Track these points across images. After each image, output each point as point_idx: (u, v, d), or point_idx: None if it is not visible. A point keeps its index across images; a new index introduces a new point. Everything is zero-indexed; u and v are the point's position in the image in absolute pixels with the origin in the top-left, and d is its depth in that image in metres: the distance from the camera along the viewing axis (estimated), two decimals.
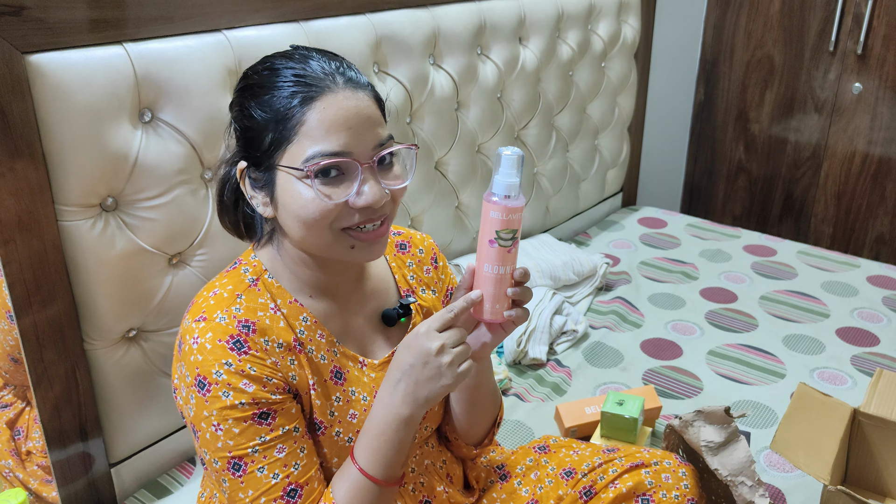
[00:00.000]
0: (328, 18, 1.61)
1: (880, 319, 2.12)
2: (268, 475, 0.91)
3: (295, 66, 0.92)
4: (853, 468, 1.45)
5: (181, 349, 0.93)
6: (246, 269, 1.00)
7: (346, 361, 1.02)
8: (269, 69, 0.94)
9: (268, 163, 0.92)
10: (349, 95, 0.91)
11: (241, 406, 0.90)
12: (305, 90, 0.90)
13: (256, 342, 0.92)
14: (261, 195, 0.95)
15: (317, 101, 0.90)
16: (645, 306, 2.18)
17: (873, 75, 2.83)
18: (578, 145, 2.59)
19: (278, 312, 0.97)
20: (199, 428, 0.91)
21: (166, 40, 1.33)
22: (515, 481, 1.20)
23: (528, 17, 2.17)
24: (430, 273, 1.16)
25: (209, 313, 0.93)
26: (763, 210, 3.27)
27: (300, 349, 0.97)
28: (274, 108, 0.91)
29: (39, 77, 1.16)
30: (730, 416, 1.20)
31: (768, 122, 3.15)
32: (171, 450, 1.51)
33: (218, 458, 0.91)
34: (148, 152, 1.31)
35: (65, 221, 1.24)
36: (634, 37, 2.71)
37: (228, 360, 0.90)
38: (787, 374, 1.85)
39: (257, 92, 0.92)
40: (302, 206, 0.90)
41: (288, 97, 0.90)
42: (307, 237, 0.93)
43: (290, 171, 0.90)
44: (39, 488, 1.39)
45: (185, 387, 0.92)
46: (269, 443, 0.91)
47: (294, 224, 0.93)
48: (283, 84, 0.91)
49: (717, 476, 1.16)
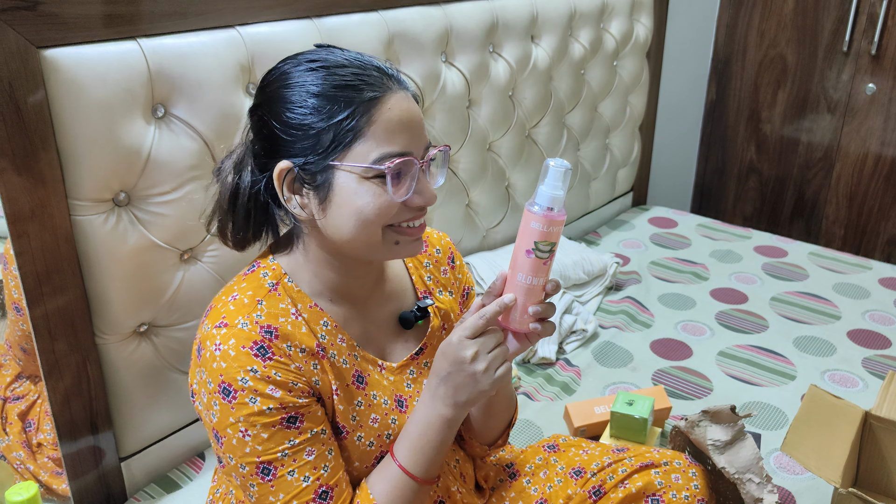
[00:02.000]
0: (341, 15, 1.61)
1: (892, 322, 2.11)
2: (298, 478, 0.91)
3: (349, 66, 0.92)
4: (864, 471, 1.44)
5: (201, 355, 0.92)
6: (265, 272, 0.98)
7: (367, 365, 1.02)
8: (322, 68, 0.92)
9: (324, 163, 0.91)
10: (403, 97, 0.93)
11: (269, 411, 0.89)
12: (372, 92, 0.90)
13: (280, 348, 0.92)
14: (310, 196, 0.93)
15: (380, 102, 0.90)
16: (655, 306, 2.17)
17: (887, 76, 2.81)
18: (589, 144, 2.58)
19: (299, 318, 0.96)
20: (223, 434, 0.91)
21: (180, 36, 1.33)
22: (524, 480, 1.20)
23: (540, 16, 2.16)
24: (446, 274, 1.16)
25: (230, 319, 0.92)
26: (774, 211, 3.26)
27: (322, 354, 0.97)
28: (335, 109, 0.89)
29: (54, 72, 1.17)
30: (735, 414, 1.20)
31: (780, 122, 3.13)
32: (181, 444, 1.51)
33: (245, 463, 0.91)
34: (161, 148, 1.31)
35: (77, 216, 1.25)
36: (647, 36, 2.70)
37: (253, 367, 0.89)
38: (797, 376, 1.85)
39: (313, 90, 0.91)
40: (365, 205, 0.91)
41: (350, 97, 0.89)
42: (358, 236, 0.93)
43: (355, 169, 0.90)
44: (50, 480, 1.40)
45: (206, 393, 0.91)
46: (298, 446, 0.91)
47: (348, 223, 0.92)
48: (342, 84, 0.90)
49: (725, 475, 1.16)
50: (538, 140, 2.32)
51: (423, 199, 0.94)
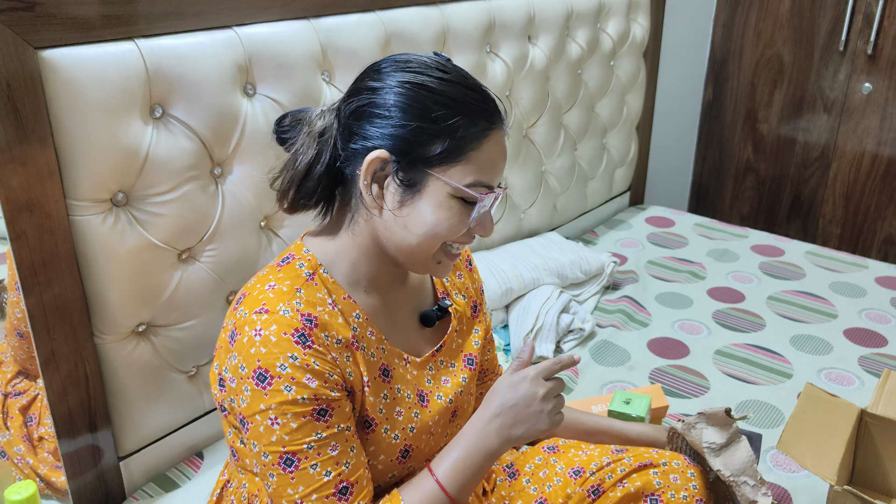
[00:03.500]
0: (338, 16, 1.62)
1: (888, 320, 2.12)
2: (320, 472, 0.92)
3: (475, 91, 0.96)
4: (860, 469, 1.44)
5: (236, 340, 0.92)
6: (301, 263, 0.99)
7: (393, 359, 1.04)
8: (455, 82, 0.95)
9: (423, 168, 0.94)
10: (504, 134, 0.99)
11: (303, 401, 0.90)
12: (488, 120, 0.95)
13: (319, 337, 0.93)
14: (393, 190, 0.95)
15: (492, 134, 0.95)
16: (652, 305, 2.18)
17: (883, 75, 2.82)
18: (587, 144, 2.59)
19: (336, 308, 0.97)
20: (251, 420, 0.91)
21: (177, 36, 1.33)
22: (524, 479, 1.21)
23: (537, 16, 2.17)
24: (462, 277, 1.20)
25: (271, 306, 0.92)
26: (771, 210, 3.27)
27: (356, 346, 0.98)
28: (457, 123, 0.93)
29: (52, 72, 1.17)
30: (731, 417, 1.20)
31: (777, 121, 3.14)
32: (180, 444, 1.52)
33: (269, 451, 0.91)
34: (159, 148, 1.31)
35: (76, 216, 1.25)
36: (644, 35, 2.70)
37: (294, 354, 0.90)
38: (794, 375, 1.85)
39: (439, 99, 0.93)
40: (443, 219, 0.95)
41: (473, 120, 0.94)
42: (421, 244, 0.96)
43: (450, 185, 0.94)
44: (49, 473, 1.41)
45: (237, 378, 0.92)
46: (324, 440, 0.92)
47: (419, 229, 0.95)
48: (469, 104, 0.94)
49: (721, 477, 1.16)
50: (535, 140, 2.32)
51: (484, 230, 1.00)
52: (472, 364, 1.16)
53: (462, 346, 1.16)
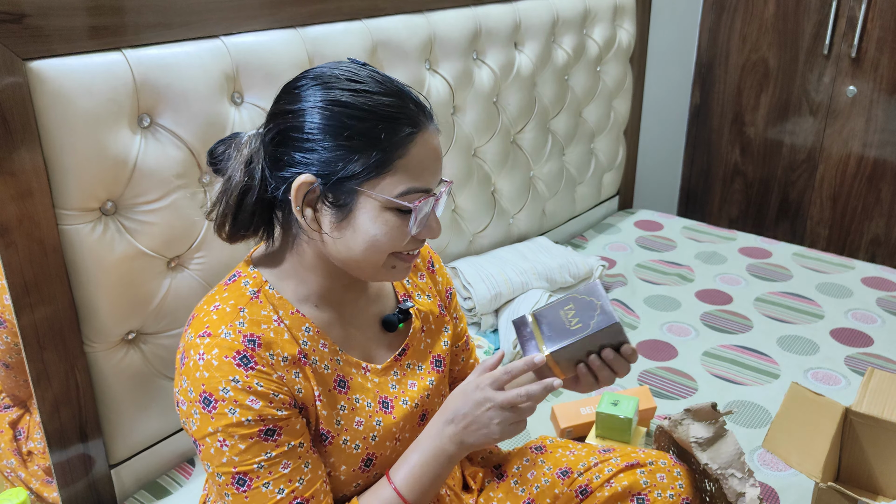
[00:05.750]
0: (325, 24, 1.63)
1: (874, 320, 2.14)
2: (273, 490, 0.92)
3: (390, 95, 0.92)
4: (845, 466, 1.46)
5: (184, 364, 0.93)
6: (246, 281, 0.99)
7: (350, 369, 1.03)
8: (366, 92, 0.91)
9: (350, 186, 0.91)
10: (433, 132, 0.96)
11: (248, 423, 0.90)
12: (410, 124, 0.92)
13: (262, 357, 0.93)
14: (326, 213, 0.93)
15: (417, 137, 0.93)
16: (640, 308, 2.19)
17: (867, 78, 2.85)
18: (574, 149, 2.61)
19: (281, 324, 0.97)
20: (202, 442, 0.92)
21: (165, 46, 1.34)
22: (512, 481, 1.21)
23: (523, 22, 2.18)
24: (424, 278, 1.18)
25: (213, 328, 0.93)
26: (759, 213, 3.29)
27: (304, 361, 0.97)
28: (373, 135, 0.90)
29: (40, 83, 1.18)
30: (716, 411, 1.22)
31: (764, 125, 3.16)
32: (171, 451, 1.52)
33: (222, 472, 0.92)
34: (147, 157, 1.32)
35: (65, 225, 1.26)
36: (630, 41, 2.72)
37: (235, 377, 0.90)
38: (781, 375, 1.87)
39: (352, 113, 0.90)
40: (382, 234, 0.93)
41: (394, 127, 0.91)
42: (366, 259, 0.95)
43: (380, 199, 0.92)
44: (41, 488, 1.41)
45: (187, 402, 0.92)
46: (274, 459, 0.92)
47: (360, 246, 0.94)
48: (386, 112, 0.91)
49: (708, 471, 1.18)
50: (523, 146, 2.34)
51: (431, 233, 0.97)
52: (441, 366, 1.14)
53: (431, 346, 1.15)
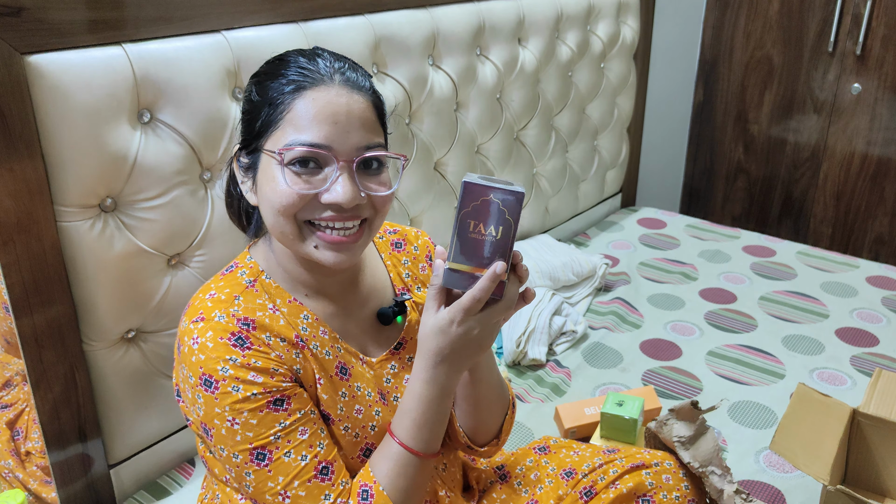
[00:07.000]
0: (327, 19, 1.61)
1: (879, 320, 2.12)
2: (296, 458, 0.91)
3: (302, 60, 0.95)
4: (852, 468, 1.45)
5: (181, 351, 0.93)
6: (243, 271, 0.99)
7: (350, 357, 1.02)
8: (279, 59, 0.97)
9: (255, 145, 0.95)
10: (343, 93, 0.92)
11: (254, 397, 0.89)
12: (301, 80, 0.92)
13: (258, 338, 0.92)
14: (248, 180, 0.97)
15: (308, 92, 0.91)
16: (644, 307, 2.18)
17: (872, 76, 2.83)
18: (578, 146, 2.59)
19: (277, 312, 0.97)
20: (211, 426, 0.91)
21: (165, 41, 1.33)
22: (515, 482, 1.20)
23: (527, 18, 2.17)
24: (425, 270, 1.16)
25: (207, 313, 0.92)
26: (762, 211, 3.28)
27: (303, 345, 0.97)
28: (269, 93, 0.93)
29: (39, 78, 1.16)
30: (697, 409, 1.21)
31: (767, 122, 3.15)
32: (171, 451, 1.51)
33: (238, 451, 0.90)
34: (147, 153, 1.31)
35: (64, 222, 1.24)
36: (633, 38, 2.71)
37: (232, 356, 0.89)
38: (786, 375, 1.85)
39: (262, 78, 0.96)
40: (272, 191, 0.92)
41: (283, 84, 0.93)
42: (276, 226, 0.94)
43: (270, 155, 0.92)
44: (39, 489, 1.39)
45: (189, 388, 0.92)
46: (289, 427, 0.91)
47: (267, 211, 0.94)
48: (285, 72, 0.94)
49: (692, 469, 1.17)
50: (526, 142, 2.32)
51: (332, 196, 0.90)
52: None
53: None
